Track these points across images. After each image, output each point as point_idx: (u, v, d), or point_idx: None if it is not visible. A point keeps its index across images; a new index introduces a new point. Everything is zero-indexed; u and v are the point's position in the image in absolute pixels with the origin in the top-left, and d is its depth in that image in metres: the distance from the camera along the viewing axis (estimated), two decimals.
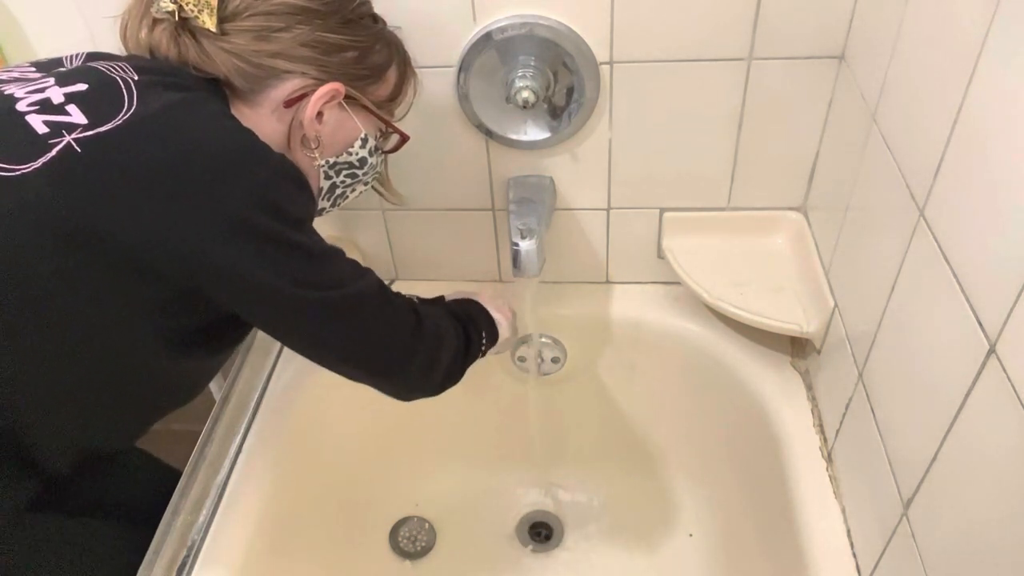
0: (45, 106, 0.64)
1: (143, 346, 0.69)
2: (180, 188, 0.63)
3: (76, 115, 0.63)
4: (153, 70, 0.70)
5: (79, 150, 0.62)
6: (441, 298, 0.98)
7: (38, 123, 0.63)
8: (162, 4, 0.70)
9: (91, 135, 0.62)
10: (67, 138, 0.62)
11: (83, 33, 0.99)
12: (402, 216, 1.15)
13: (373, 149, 0.83)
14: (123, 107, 0.64)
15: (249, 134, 0.68)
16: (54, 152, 0.61)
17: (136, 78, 0.67)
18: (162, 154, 0.63)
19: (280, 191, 0.67)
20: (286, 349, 1.15)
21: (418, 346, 0.80)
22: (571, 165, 1.05)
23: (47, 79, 0.68)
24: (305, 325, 0.72)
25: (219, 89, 0.73)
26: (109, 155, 0.62)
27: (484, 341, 0.93)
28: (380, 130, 0.84)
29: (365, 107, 0.79)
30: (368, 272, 0.76)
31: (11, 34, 1.02)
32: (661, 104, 0.98)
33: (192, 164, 0.63)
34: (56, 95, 0.65)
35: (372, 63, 0.78)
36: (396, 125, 0.84)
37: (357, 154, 0.81)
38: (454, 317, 0.90)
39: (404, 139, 0.86)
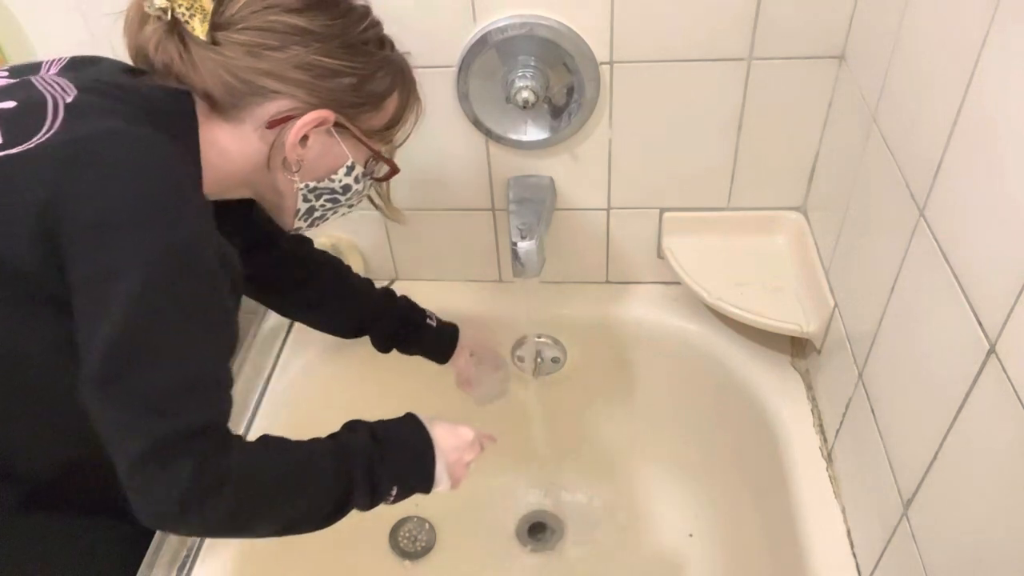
0: None
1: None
2: (76, 226, 0.58)
3: None
4: (100, 91, 0.65)
5: None
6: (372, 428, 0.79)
7: None
8: (155, 0, 0.65)
9: (1, 156, 0.59)
10: None
11: (83, 33, 0.99)
12: None
13: (360, 176, 0.78)
14: (41, 129, 0.60)
15: (177, 186, 0.61)
16: None
17: (69, 100, 0.63)
18: (66, 185, 0.58)
19: (187, 255, 0.61)
20: (287, 348, 1.15)
21: (206, 499, 0.61)
22: (571, 165, 1.05)
23: None
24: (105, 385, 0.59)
25: (189, 109, 0.68)
26: (11, 178, 0.59)
27: (391, 496, 0.79)
28: (371, 157, 0.78)
29: (355, 135, 0.74)
30: (221, 408, 0.64)
31: (11, 34, 1.02)
32: (661, 104, 0.98)
33: (95, 202, 0.58)
34: None
35: (370, 91, 0.72)
36: (386, 157, 0.78)
37: (341, 181, 0.76)
38: (347, 475, 0.72)
39: (394, 171, 0.80)
